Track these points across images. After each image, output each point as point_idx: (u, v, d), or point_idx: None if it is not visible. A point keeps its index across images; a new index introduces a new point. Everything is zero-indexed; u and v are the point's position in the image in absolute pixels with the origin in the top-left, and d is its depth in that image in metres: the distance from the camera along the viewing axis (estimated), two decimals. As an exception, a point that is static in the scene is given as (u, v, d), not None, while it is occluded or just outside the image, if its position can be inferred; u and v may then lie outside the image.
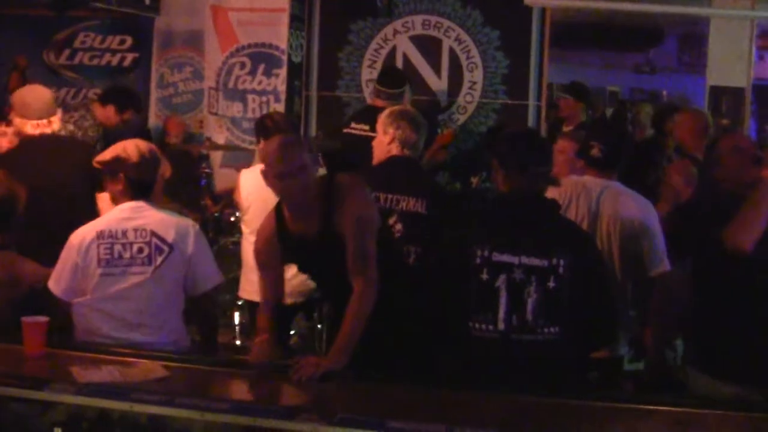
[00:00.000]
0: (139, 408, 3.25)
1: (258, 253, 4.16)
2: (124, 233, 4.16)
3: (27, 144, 5.34)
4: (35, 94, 5.47)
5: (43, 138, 5.30)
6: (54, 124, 5.37)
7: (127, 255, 4.13)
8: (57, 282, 4.20)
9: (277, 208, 4.06)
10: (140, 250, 4.14)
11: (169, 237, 4.17)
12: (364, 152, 5.28)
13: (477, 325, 3.68)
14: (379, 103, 6.81)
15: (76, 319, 4.17)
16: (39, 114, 5.32)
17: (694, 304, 4.22)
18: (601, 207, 4.58)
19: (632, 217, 4.57)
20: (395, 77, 7.31)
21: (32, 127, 5.30)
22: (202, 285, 4.28)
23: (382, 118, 5.01)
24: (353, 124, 6.84)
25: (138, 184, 4.24)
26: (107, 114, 6.89)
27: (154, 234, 4.16)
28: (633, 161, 5.66)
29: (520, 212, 3.78)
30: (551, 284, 3.64)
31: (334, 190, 3.93)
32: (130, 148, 4.27)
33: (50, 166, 5.17)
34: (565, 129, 7.70)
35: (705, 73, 8.17)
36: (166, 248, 4.16)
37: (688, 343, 4.45)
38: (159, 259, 4.15)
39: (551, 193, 3.98)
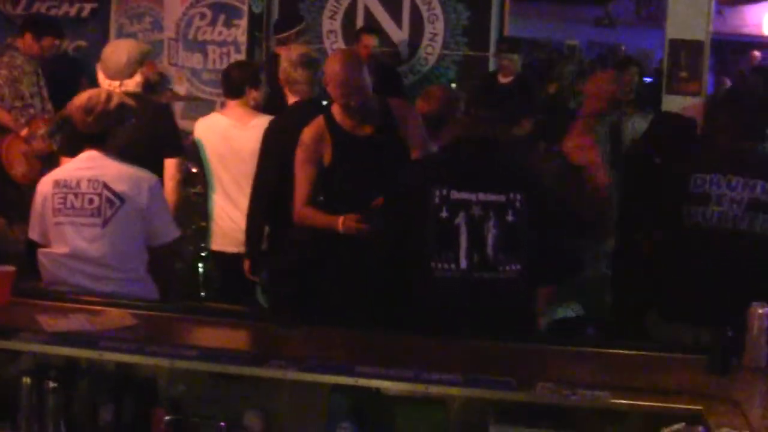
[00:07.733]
0: (108, 356, 3.27)
1: (306, 148, 4.57)
2: (78, 183, 4.11)
3: None
4: (113, 51, 5.18)
5: None
6: (126, 87, 5.02)
7: (78, 205, 4.09)
8: (32, 228, 4.21)
9: (327, 113, 4.59)
10: (90, 201, 4.09)
11: (122, 189, 4.11)
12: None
13: (439, 265, 3.70)
14: None
15: (42, 270, 4.16)
16: (111, 74, 5.08)
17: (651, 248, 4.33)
18: None
19: None
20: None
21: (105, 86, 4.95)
22: (155, 239, 4.25)
23: None
24: None
25: (81, 134, 4.21)
26: (26, 44, 6.63)
27: (106, 186, 4.10)
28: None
29: (475, 153, 3.84)
30: (510, 218, 3.69)
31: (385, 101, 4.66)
32: (77, 97, 4.23)
33: None
34: (502, 80, 7.81)
35: (664, 26, 8.22)
36: (117, 201, 4.10)
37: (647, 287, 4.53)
38: (109, 212, 4.09)
39: None
